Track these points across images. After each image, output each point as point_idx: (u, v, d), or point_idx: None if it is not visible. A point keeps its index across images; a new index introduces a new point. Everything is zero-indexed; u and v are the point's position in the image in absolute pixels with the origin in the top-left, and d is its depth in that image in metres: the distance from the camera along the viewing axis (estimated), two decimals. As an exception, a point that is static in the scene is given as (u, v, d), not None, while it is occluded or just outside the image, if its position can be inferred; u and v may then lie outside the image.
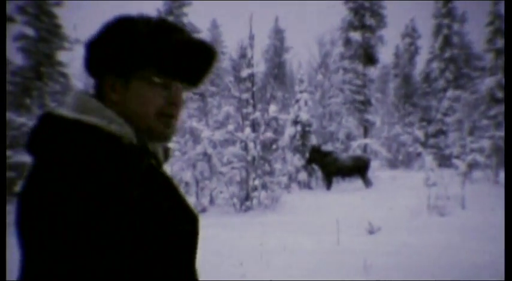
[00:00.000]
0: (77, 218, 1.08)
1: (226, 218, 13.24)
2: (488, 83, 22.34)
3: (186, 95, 1.47)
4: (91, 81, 1.44)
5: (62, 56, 15.45)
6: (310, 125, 22.94)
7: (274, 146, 19.54)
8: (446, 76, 35.31)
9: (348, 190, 19.81)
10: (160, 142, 1.41)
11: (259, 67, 18.80)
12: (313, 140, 22.96)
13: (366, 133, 28.85)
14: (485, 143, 20.73)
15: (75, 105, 1.32)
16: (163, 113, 1.36)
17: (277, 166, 19.26)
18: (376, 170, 23.94)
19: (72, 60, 15.63)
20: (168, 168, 14.64)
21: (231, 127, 16.91)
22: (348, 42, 29.81)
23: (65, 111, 1.28)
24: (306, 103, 23.04)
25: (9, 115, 12.56)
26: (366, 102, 29.01)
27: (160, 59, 1.34)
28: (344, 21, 29.95)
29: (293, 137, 22.62)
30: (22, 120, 13.02)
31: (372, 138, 30.32)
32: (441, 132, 34.31)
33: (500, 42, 22.97)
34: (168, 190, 1.32)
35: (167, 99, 1.37)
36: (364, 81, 29.25)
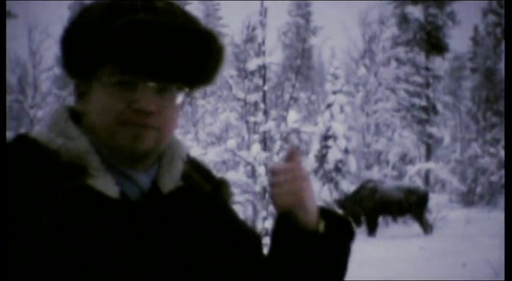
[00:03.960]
0: None
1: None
2: None
3: (177, 99, 1.52)
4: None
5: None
6: (347, 141, 22.97)
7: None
8: (548, 72, 35.37)
9: (400, 236, 19.75)
10: (132, 160, 1.49)
11: (274, 56, 18.78)
12: (352, 164, 22.96)
13: (428, 154, 28.84)
14: None
15: (48, 119, 1.54)
16: (126, 122, 1.44)
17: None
18: (443, 209, 23.86)
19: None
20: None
21: (232, 143, 16.96)
22: (404, 20, 29.89)
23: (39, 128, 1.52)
24: (341, 109, 23.11)
25: None
26: (429, 109, 29.02)
27: (111, 50, 1.41)
28: (399, -10, 30.12)
29: (322, 159, 22.64)
30: None
31: (438, 162, 30.27)
32: (540, 155, 34.23)
33: None
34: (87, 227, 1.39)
35: (130, 104, 1.44)
36: (427, 78, 29.29)
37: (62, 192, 1.36)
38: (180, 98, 1.53)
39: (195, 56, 1.48)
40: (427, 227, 20.19)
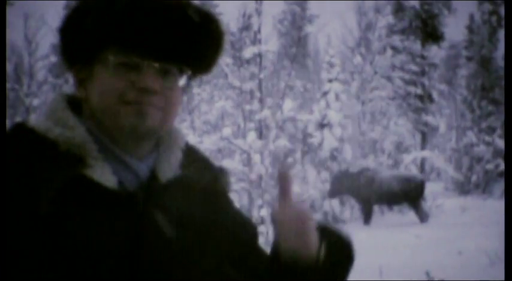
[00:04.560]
0: None
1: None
2: None
3: (180, 81, 1.54)
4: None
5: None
6: (343, 129, 22.97)
7: (290, 160, 19.57)
8: (544, 60, 35.37)
9: (395, 225, 19.78)
10: (135, 138, 1.51)
11: (270, 44, 18.82)
12: (348, 152, 22.96)
13: (424, 142, 28.86)
14: None
15: (46, 108, 1.56)
16: (130, 101, 1.45)
17: (295, 188, 19.24)
18: (439, 197, 23.91)
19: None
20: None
21: (227, 131, 16.96)
22: (399, 9, 29.88)
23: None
24: (337, 98, 23.08)
25: None
26: (425, 98, 29.04)
27: (115, 32, 1.43)
28: (394, -22, 30.09)
29: (318, 147, 22.65)
30: None
31: (433, 151, 30.32)
32: (535, 143, 34.27)
33: None
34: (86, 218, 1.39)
35: (134, 84, 1.45)
36: (423, 66, 29.29)
37: (59, 182, 1.36)
38: (182, 81, 1.55)
39: (197, 37, 1.49)
40: (422, 216, 20.23)
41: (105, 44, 1.44)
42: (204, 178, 1.64)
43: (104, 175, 1.44)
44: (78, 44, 1.49)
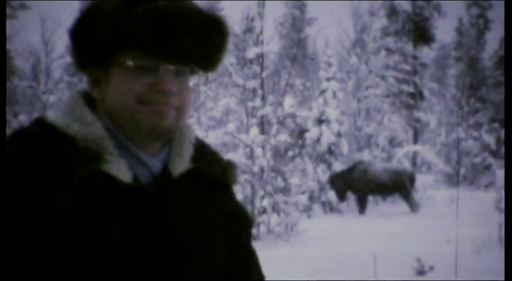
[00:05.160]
0: None
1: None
2: None
3: (191, 80, 1.56)
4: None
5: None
6: (339, 125, 22.94)
7: (290, 154, 19.54)
8: (528, 61, 35.25)
9: (389, 214, 19.79)
10: (153, 137, 1.50)
11: (272, 45, 18.83)
12: (344, 146, 22.95)
13: (415, 137, 28.83)
14: None
15: (63, 105, 1.53)
16: (148, 101, 1.45)
17: (294, 180, 19.24)
18: (429, 189, 23.89)
19: (16, 33, 15.71)
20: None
21: (231, 126, 16.93)
22: (393, 12, 29.82)
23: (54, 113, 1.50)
24: (334, 95, 23.06)
25: None
26: (417, 95, 29.00)
27: (132, 36, 1.42)
28: (388, -17, 30.02)
29: (316, 142, 22.63)
30: None
31: (424, 145, 30.27)
32: (519, 138, 34.19)
33: None
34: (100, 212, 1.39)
35: (152, 86, 1.45)
36: (415, 66, 29.24)
37: (78, 177, 1.36)
38: (192, 81, 1.56)
39: (209, 40, 1.50)
40: (413, 206, 20.25)
41: (121, 48, 1.43)
42: (213, 171, 1.64)
43: (120, 169, 1.44)
44: (92, 47, 1.47)
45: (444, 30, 39.12)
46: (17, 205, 1.32)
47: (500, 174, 17.73)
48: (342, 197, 20.78)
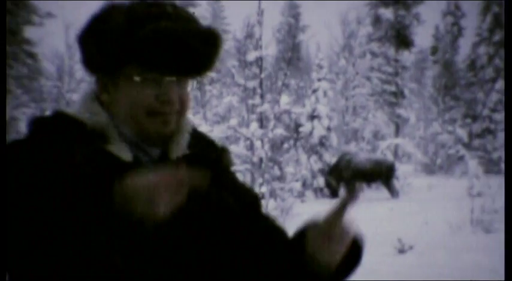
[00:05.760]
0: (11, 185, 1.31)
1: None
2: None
3: (189, 85, 1.57)
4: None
5: (30, 32, 15.39)
6: (329, 120, 22.91)
7: (286, 146, 19.53)
8: (496, 64, 35.06)
9: (373, 200, 19.78)
10: (157, 142, 1.54)
11: (269, 49, 18.74)
12: (334, 139, 22.93)
13: (397, 131, 28.80)
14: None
15: (79, 99, 1.60)
16: (156, 112, 1.48)
17: (289, 169, 19.25)
18: (409, 177, 23.90)
19: (43, 38, 15.64)
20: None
21: (233, 122, 16.91)
22: (377, 20, 29.75)
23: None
24: (325, 94, 23.02)
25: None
26: (398, 94, 28.95)
27: (138, 53, 1.44)
28: (373, -5, 29.93)
29: (309, 135, 22.61)
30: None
31: (405, 138, 30.26)
32: (488, 132, 34.16)
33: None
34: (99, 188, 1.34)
35: (158, 97, 1.48)
36: (396, 68, 29.18)
37: (85, 153, 1.40)
38: (190, 85, 1.59)
39: (207, 53, 1.52)
40: (393, 192, 20.34)
41: (128, 61, 1.45)
42: (208, 156, 1.64)
43: (121, 150, 1.47)
44: (101, 57, 1.49)
45: (422, 37, 39.03)
46: (38, 165, 1.36)
47: (472, 164, 17.69)
48: (335, 194, 20.73)
